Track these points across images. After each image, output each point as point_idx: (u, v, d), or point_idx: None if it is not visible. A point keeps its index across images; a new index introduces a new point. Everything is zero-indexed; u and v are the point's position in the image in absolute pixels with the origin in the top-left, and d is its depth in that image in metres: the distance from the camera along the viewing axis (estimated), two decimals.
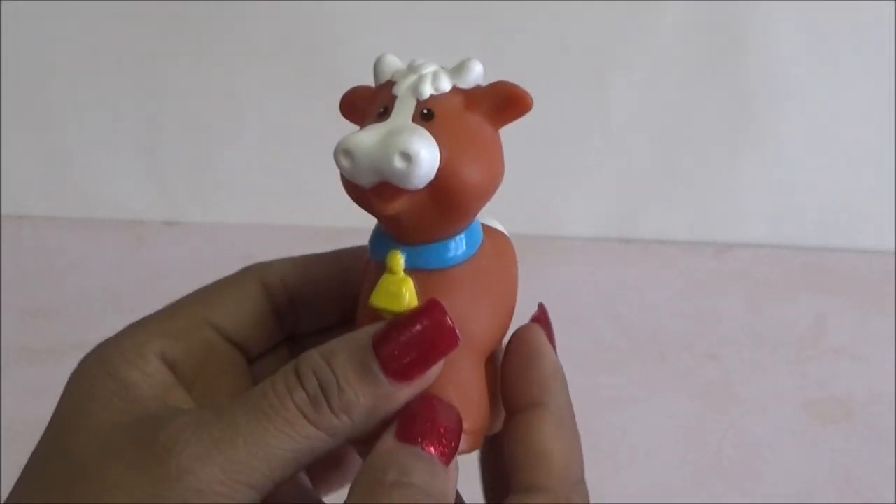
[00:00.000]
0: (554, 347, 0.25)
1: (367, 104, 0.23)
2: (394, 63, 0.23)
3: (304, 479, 0.28)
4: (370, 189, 0.21)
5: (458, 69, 0.23)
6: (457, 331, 0.22)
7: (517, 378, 0.24)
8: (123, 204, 0.82)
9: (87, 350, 0.25)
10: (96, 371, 0.24)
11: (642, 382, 0.61)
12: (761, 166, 0.74)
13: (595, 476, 0.45)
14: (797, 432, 0.57)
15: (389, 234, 0.23)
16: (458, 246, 0.23)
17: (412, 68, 0.23)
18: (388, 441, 0.22)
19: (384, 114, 0.22)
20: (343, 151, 0.21)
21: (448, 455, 0.22)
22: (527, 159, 0.76)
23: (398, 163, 0.20)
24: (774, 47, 0.70)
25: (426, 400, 0.22)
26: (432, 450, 0.21)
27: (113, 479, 0.21)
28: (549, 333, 0.25)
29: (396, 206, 0.21)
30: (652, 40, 0.70)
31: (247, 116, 0.77)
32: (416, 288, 0.22)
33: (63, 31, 0.74)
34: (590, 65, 0.71)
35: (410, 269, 0.22)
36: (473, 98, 0.22)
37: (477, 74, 0.23)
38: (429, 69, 0.23)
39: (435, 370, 0.22)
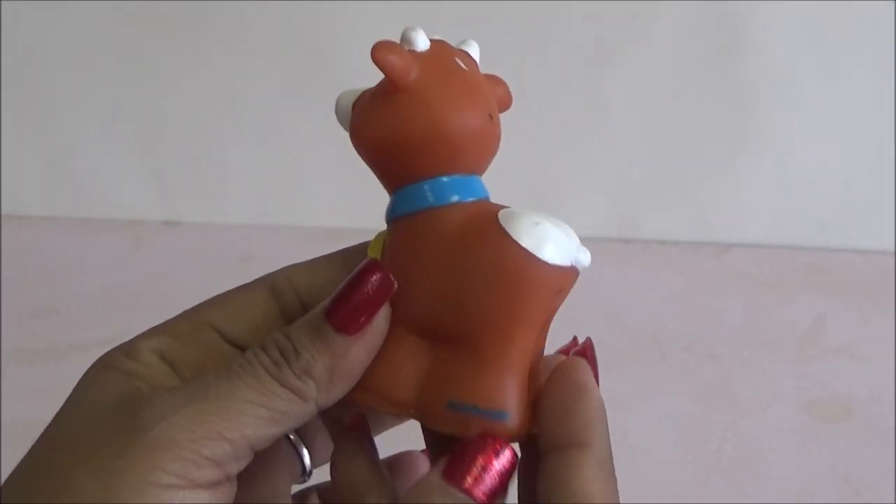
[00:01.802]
0: (597, 383, 0.25)
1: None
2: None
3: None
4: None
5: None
6: (391, 278, 0.24)
7: (561, 414, 0.24)
8: (123, 204, 0.82)
9: (87, 350, 0.25)
10: (98, 367, 0.25)
11: (642, 382, 0.61)
12: (761, 166, 0.74)
13: None
14: (797, 432, 0.57)
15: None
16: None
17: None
18: (434, 476, 0.23)
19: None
20: None
21: (491, 498, 0.22)
22: (527, 159, 0.76)
23: None
24: (774, 47, 0.70)
25: (483, 441, 0.23)
26: (479, 495, 0.22)
27: (96, 443, 0.22)
28: (594, 370, 0.25)
29: None
30: (652, 40, 0.70)
31: (247, 116, 0.77)
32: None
33: (63, 31, 0.74)
34: (590, 64, 0.71)
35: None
36: None
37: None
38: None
39: (381, 319, 0.24)
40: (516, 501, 0.26)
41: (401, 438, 0.30)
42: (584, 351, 0.26)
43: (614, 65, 0.71)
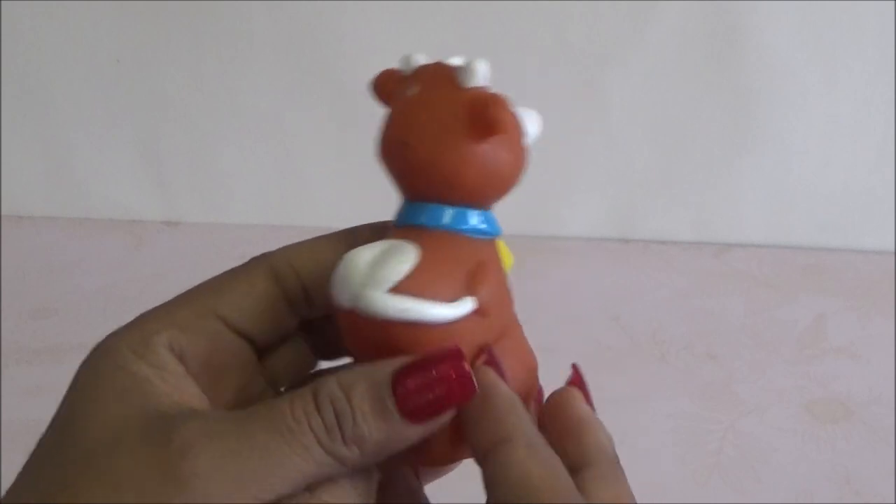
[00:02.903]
0: (592, 406, 0.25)
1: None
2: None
3: (411, 477, 0.28)
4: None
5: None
6: (474, 381, 0.22)
7: (564, 448, 0.24)
8: (123, 204, 0.82)
9: (87, 350, 0.25)
10: (107, 363, 0.24)
11: (642, 382, 0.61)
12: (761, 166, 0.74)
13: None
14: (797, 432, 0.57)
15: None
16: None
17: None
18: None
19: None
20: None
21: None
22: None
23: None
24: (774, 47, 0.70)
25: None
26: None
27: (123, 474, 0.21)
28: (586, 395, 0.25)
29: None
30: (652, 40, 0.70)
31: (247, 116, 0.77)
32: None
33: (63, 31, 0.74)
34: (590, 64, 0.71)
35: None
36: None
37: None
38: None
39: (449, 413, 0.22)
40: None
41: None
42: (574, 380, 0.26)
43: (614, 65, 0.71)
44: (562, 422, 0.24)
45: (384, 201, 0.28)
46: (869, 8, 0.67)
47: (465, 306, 0.23)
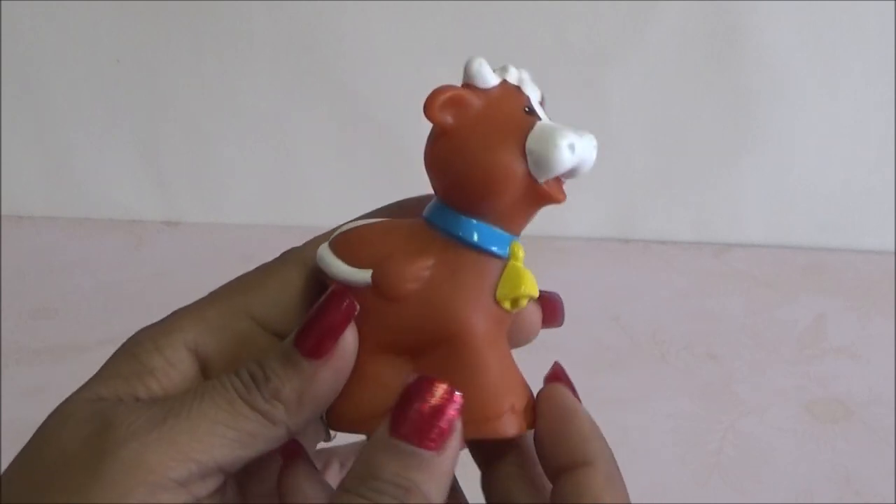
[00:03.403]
0: (578, 400, 0.25)
1: (482, 102, 0.25)
2: (489, 67, 0.26)
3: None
4: (546, 183, 0.25)
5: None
6: (354, 301, 0.24)
7: (557, 440, 0.24)
8: (123, 204, 0.82)
9: (87, 350, 0.25)
10: (126, 351, 0.25)
11: (642, 382, 0.61)
12: (761, 166, 0.74)
13: None
14: (797, 432, 0.57)
15: (498, 225, 0.25)
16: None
17: (518, 72, 0.27)
18: (382, 434, 0.22)
19: (531, 112, 0.25)
20: (570, 147, 0.24)
21: (438, 440, 0.22)
22: None
23: (595, 153, 0.25)
24: (774, 47, 0.70)
25: (420, 384, 0.23)
26: (428, 443, 0.22)
27: (65, 460, 0.22)
28: (571, 388, 0.26)
29: (564, 192, 0.26)
30: (652, 40, 0.70)
31: (247, 117, 0.77)
32: None
33: (63, 31, 0.74)
34: (590, 64, 0.71)
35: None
36: None
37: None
38: (524, 74, 0.27)
39: (347, 344, 0.24)
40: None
41: None
42: (557, 375, 0.26)
43: (614, 65, 0.71)
44: (558, 417, 0.25)
45: (384, 201, 0.28)
46: (869, 8, 0.67)
47: (359, 275, 0.24)
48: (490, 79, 0.25)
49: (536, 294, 0.25)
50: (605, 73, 0.72)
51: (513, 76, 0.26)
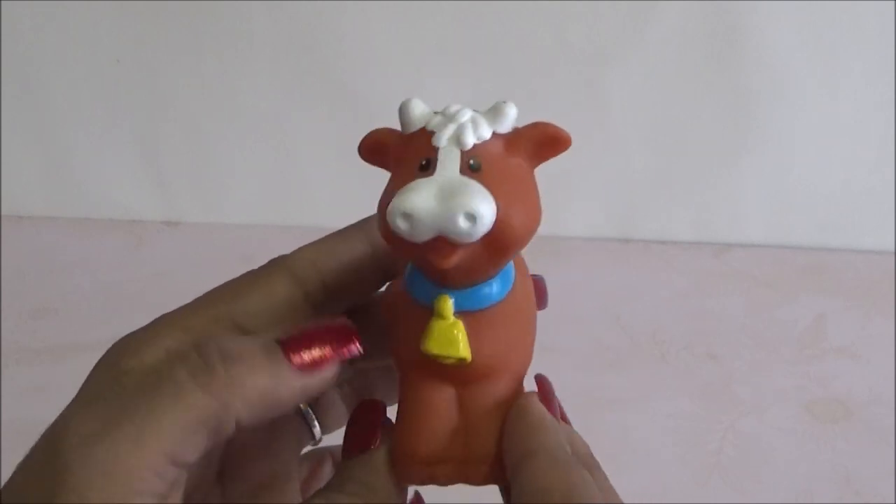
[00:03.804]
0: (556, 413, 0.25)
1: (400, 151, 0.23)
2: (422, 109, 0.23)
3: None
4: (424, 244, 0.21)
5: (494, 114, 0.22)
6: (358, 340, 0.23)
7: (507, 438, 0.24)
8: (123, 204, 0.82)
9: (87, 350, 0.25)
10: (109, 360, 0.24)
11: (642, 382, 0.61)
12: (761, 166, 0.74)
13: None
14: (797, 432, 0.57)
15: (428, 277, 0.23)
16: (499, 285, 0.23)
17: (448, 116, 0.22)
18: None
19: (427, 167, 0.21)
20: (402, 215, 0.20)
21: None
22: None
23: (463, 223, 0.20)
24: (774, 47, 0.70)
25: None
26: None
27: (27, 482, 0.21)
28: (550, 404, 0.25)
29: (454, 260, 0.21)
30: (652, 40, 0.70)
31: (247, 116, 0.77)
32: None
33: (63, 31, 0.74)
34: (589, 64, 0.71)
35: (457, 312, 0.23)
36: (514, 142, 0.22)
37: (512, 118, 0.22)
38: (466, 116, 0.22)
39: (330, 373, 0.23)
40: None
41: None
42: (540, 388, 0.26)
43: (614, 65, 0.71)
44: (512, 417, 0.24)
45: None
46: (869, 8, 0.67)
47: None
48: (409, 124, 0.23)
49: (457, 355, 0.22)
50: (605, 73, 0.72)
51: (434, 123, 0.22)
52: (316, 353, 0.23)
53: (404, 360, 0.24)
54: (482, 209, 0.20)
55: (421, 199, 0.20)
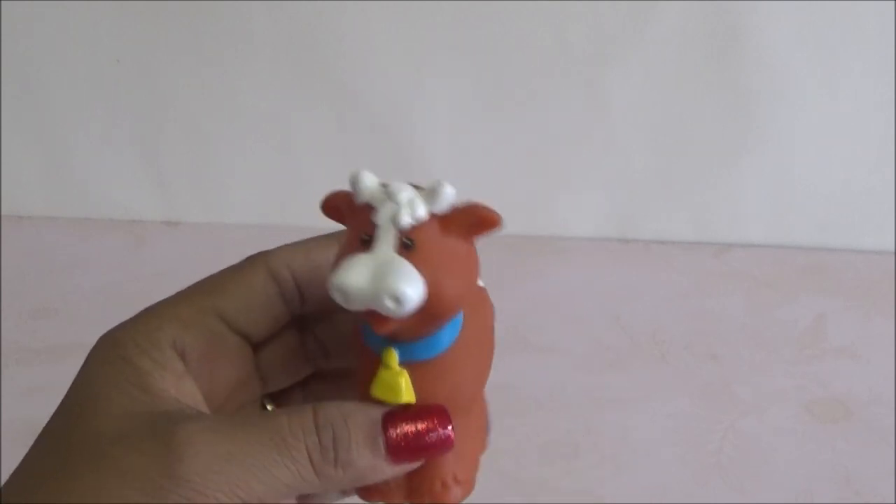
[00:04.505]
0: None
1: (349, 219, 0.25)
2: (370, 183, 0.25)
3: None
4: (367, 313, 0.23)
5: (431, 195, 0.24)
6: (453, 438, 0.25)
7: None
8: (123, 204, 0.82)
9: (87, 350, 0.25)
10: (112, 355, 0.25)
11: (642, 382, 0.61)
12: (761, 166, 0.74)
13: (595, 476, 0.45)
14: (797, 432, 0.57)
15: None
16: (445, 335, 0.25)
17: (389, 194, 0.24)
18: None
19: (367, 242, 0.23)
20: (338, 290, 0.23)
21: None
22: (527, 159, 0.76)
23: (388, 303, 0.22)
24: (774, 47, 0.69)
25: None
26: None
27: (127, 468, 0.22)
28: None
29: (389, 327, 0.23)
30: (652, 40, 0.70)
31: (247, 116, 0.77)
32: (410, 377, 0.24)
33: (63, 31, 0.74)
34: (589, 64, 0.71)
35: (404, 362, 0.24)
36: (448, 223, 0.24)
37: (449, 199, 0.24)
38: (405, 196, 0.24)
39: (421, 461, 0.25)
40: None
41: None
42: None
43: (614, 65, 0.71)
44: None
45: None
46: (869, 8, 0.67)
47: None
48: (358, 196, 0.25)
49: (399, 402, 0.24)
50: (605, 73, 0.72)
51: (376, 199, 0.24)
52: (414, 447, 0.24)
53: (359, 392, 0.25)
54: (407, 291, 0.22)
55: (353, 277, 0.22)
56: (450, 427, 0.24)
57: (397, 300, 0.22)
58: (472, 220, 0.24)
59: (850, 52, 0.69)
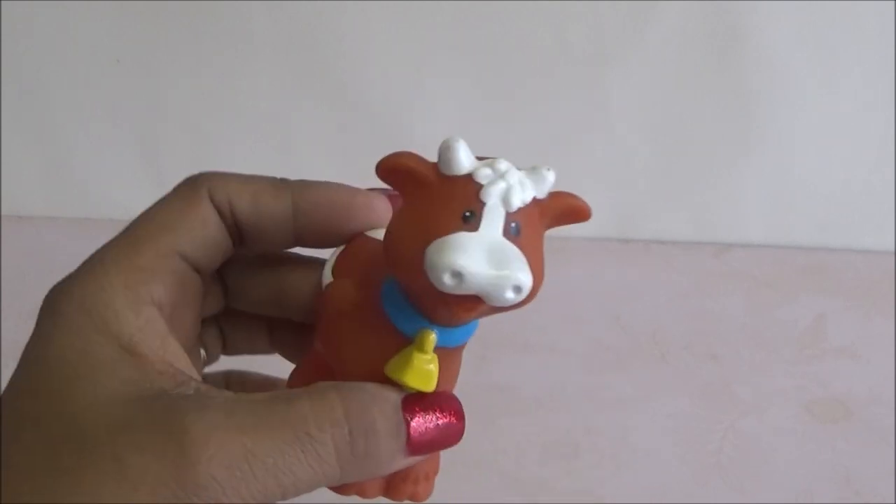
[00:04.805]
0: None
1: (437, 190, 0.22)
2: (469, 155, 0.22)
3: None
4: (454, 297, 0.21)
5: (537, 178, 0.23)
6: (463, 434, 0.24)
7: None
8: (123, 204, 0.81)
9: None
10: (84, 322, 0.23)
11: (642, 382, 0.61)
12: (761, 166, 0.74)
13: (595, 476, 0.45)
14: (797, 432, 0.57)
15: (418, 309, 0.23)
16: (473, 326, 0.24)
17: (497, 172, 0.22)
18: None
19: (471, 218, 0.21)
20: (452, 273, 0.20)
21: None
22: (527, 159, 0.76)
23: (510, 294, 0.21)
24: (774, 47, 0.70)
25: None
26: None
27: (135, 470, 0.20)
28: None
29: (474, 314, 0.22)
30: (652, 40, 0.70)
31: (247, 116, 0.77)
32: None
33: (63, 31, 0.74)
34: (590, 64, 0.71)
35: (436, 348, 0.23)
36: (546, 210, 0.23)
37: (551, 183, 0.23)
38: (515, 177, 0.22)
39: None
40: None
41: None
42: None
43: (614, 65, 0.71)
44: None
45: None
46: (869, 8, 0.67)
47: (326, 279, 0.26)
48: (455, 167, 0.22)
49: (429, 390, 0.23)
50: (605, 73, 0.72)
51: (483, 175, 0.22)
52: (434, 442, 0.23)
53: (348, 368, 0.24)
54: (528, 283, 0.21)
55: (473, 260, 0.20)
56: (464, 422, 0.23)
57: (519, 290, 0.20)
58: (565, 209, 0.23)
59: (850, 52, 0.69)
